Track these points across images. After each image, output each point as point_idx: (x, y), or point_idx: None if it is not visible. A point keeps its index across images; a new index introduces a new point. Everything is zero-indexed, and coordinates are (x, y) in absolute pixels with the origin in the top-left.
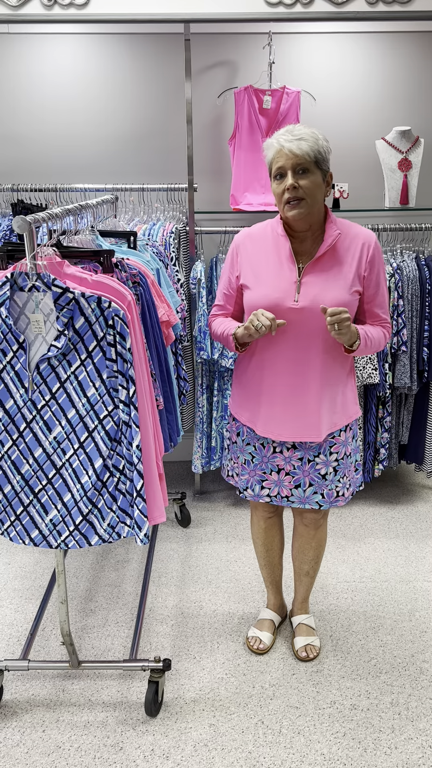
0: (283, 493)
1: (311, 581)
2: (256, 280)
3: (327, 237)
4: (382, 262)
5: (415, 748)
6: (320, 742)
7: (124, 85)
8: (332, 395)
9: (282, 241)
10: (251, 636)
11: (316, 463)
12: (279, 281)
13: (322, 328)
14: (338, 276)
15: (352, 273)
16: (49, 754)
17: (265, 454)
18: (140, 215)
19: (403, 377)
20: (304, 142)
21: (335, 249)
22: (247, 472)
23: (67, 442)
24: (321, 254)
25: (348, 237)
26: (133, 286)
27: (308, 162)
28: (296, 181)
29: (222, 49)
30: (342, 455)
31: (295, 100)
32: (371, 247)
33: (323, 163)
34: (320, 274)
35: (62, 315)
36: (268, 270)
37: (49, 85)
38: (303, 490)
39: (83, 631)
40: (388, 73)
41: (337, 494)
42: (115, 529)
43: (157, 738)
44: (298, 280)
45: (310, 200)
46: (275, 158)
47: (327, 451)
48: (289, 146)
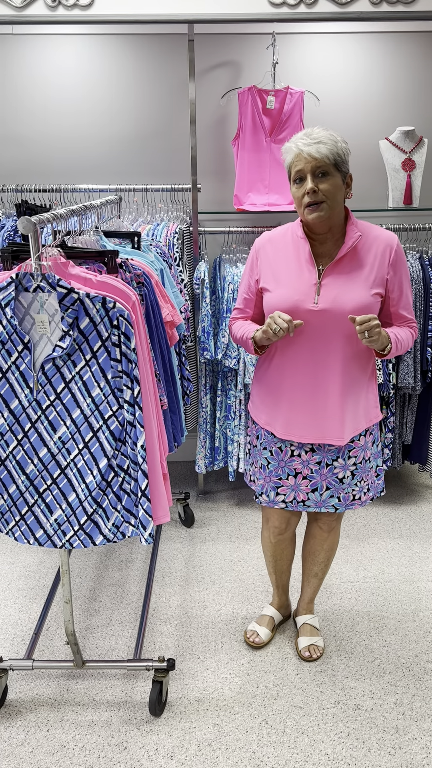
0: (299, 497)
1: (319, 583)
2: (276, 282)
3: (348, 239)
4: (406, 263)
5: (419, 749)
6: (324, 742)
7: (127, 85)
8: (354, 397)
9: (302, 243)
10: (250, 629)
11: (334, 467)
12: (299, 283)
13: (343, 330)
14: (359, 278)
15: (373, 275)
16: (54, 753)
17: (283, 458)
18: (144, 215)
19: (407, 377)
20: (322, 145)
21: (356, 251)
22: (262, 477)
23: (71, 442)
24: (341, 256)
25: (369, 239)
26: (137, 287)
27: (327, 165)
28: (316, 184)
29: (225, 49)
30: (360, 459)
31: (299, 100)
32: (393, 249)
33: (342, 165)
34: (340, 276)
35: (67, 315)
36: (288, 272)
37: (52, 86)
38: (320, 494)
39: (87, 631)
40: (392, 73)
41: (354, 498)
42: (120, 528)
43: (161, 737)
44: (318, 282)
45: (330, 203)
46: (294, 162)
47: (345, 455)
48: (308, 150)
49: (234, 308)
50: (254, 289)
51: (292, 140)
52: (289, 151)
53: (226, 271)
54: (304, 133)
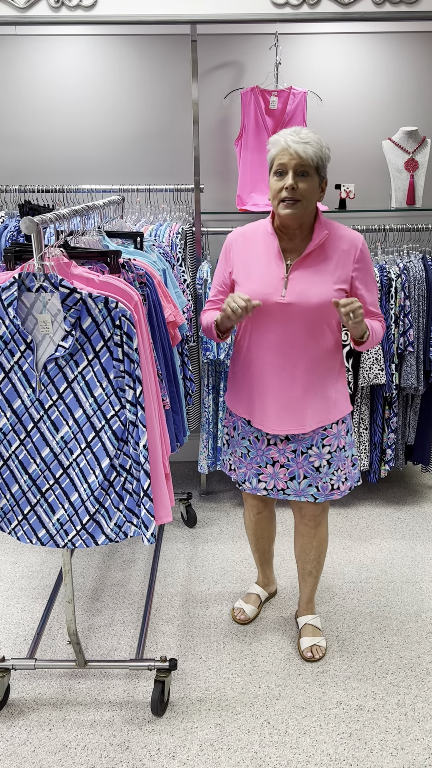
0: (279, 486)
1: (315, 581)
2: (246, 276)
3: (315, 236)
4: (371, 262)
5: (421, 749)
6: (326, 742)
7: (130, 86)
8: (321, 388)
9: (271, 239)
10: (236, 607)
11: (309, 455)
12: (267, 277)
13: (309, 322)
14: (324, 273)
15: (338, 271)
16: (56, 752)
17: (260, 447)
18: (147, 216)
19: (410, 377)
20: (309, 146)
21: (323, 248)
22: (244, 465)
23: (74, 442)
24: (308, 252)
25: (335, 237)
26: (139, 287)
27: (310, 166)
28: (296, 182)
29: (228, 49)
30: (335, 447)
31: (302, 100)
32: (359, 248)
33: (322, 169)
34: (307, 271)
35: (70, 315)
36: (258, 266)
37: (55, 87)
38: (298, 482)
39: (89, 631)
40: (395, 73)
41: (332, 487)
42: (122, 528)
43: (163, 737)
44: (285, 276)
45: (305, 202)
46: (279, 155)
47: (320, 443)
48: (296, 147)
49: (208, 301)
50: (228, 281)
51: (281, 134)
52: (276, 143)
53: None
54: (293, 131)
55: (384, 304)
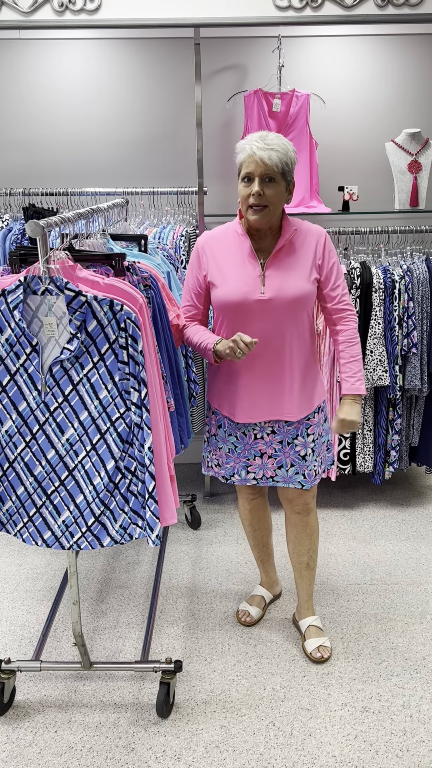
0: (267, 474)
1: (312, 575)
2: (223, 277)
3: (284, 233)
4: (334, 250)
5: (427, 751)
6: (331, 744)
7: (134, 89)
8: (303, 375)
9: (242, 240)
10: (241, 609)
11: (295, 444)
12: (244, 276)
13: (288, 315)
14: (297, 267)
15: (309, 263)
16: (62, 754)
17: (248, 442)
18: (150, 219)
19: (414, 379)
20: (274, 152)
21: (291, 244)
22: (232, 459)
23: (79, 444)
24: (278, 249)
25: (301, 233)
26: (144, 289)
27: (275, 172)
28: (262, 188)
29: (232, 53)
30: (317, 435)
31: (305, 103)
32: (323, 237)
33: (289, 173)
34: (280, 267)
35: (75, 318)
36: (233, 267)
37: (60, 90)
38: (285, 470)
39: (95, 633)
40: (398, 75)
41: (315, 473)
42: (127, 530)
43: (168, 739)
44: (262, 274)
45: (272, 207)
46: (245, 162)
47: (304, 432)
48: (260, 154)
49: (183, 305)
50: (203, 284)
51: (247, 140)
52: (243, 150)
53: None
54: (259, 136)
55: (387, 305)
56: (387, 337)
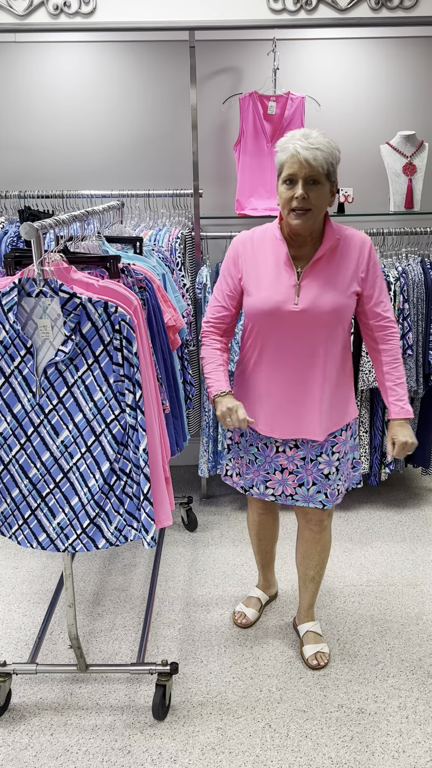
0: (287, 491)
1: (316, 587)
2: (256, 284)
3: (325, 241)
4: (378, 263)
5: (423, 752)
6: (328, 745)
7: (129, 92)
8: (332, 394)
9: (280, 245)
10: (237, 611)
11: (318, 462)
12: (278, 285)
13: (322, 329)
14: (336, 279)
15: (349, 274)
16: (57, 757)
17: (269, 454)
18: (146, 221)
19: (409, 381)
20: (320, 152)
21: (332, 252)
22: (251, 471)
23: (74, 446)
24: (318, 258)
25: (344, 241)
26: (139, 291)
27: (320, 174)
28: (306, 192)
29: (227, 55)
30: (342, 454)
31: (300, 105)
32: (367, 249)
33: (333, 174)
34: (318, 277)
35: (69, 320)
36: (267, 274)
37: (55, 93)
38: (306, 488)
39: (91, 635)
40: (393, 77)
41: (338, 492)
42: (123, 532)
43: (164, 741)
44: (297, 284)
45: (316, 211)
46: (287, 162)
47: (329, 450)
48: (305, 155)
49: (213, 305)
50: (238, 287)
51: (290, 138)
52: (285, 149)
53: None
54: (302, 134)
55: None
56: None
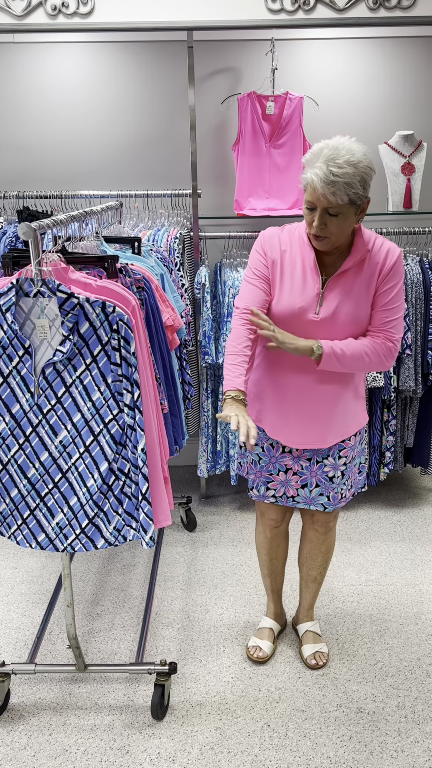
0: (288, 493)
1: (318, 588)
2: (279, 287)
3: (354, 252)
4: (401, 275)
5: (421, 751)
6: (326, 745)
7: (127, 92)
8: (344, 405)
9: (307, 250)
10: (251, 645)
11: (324, 464)
12: (303, 291)
13: (338, 339)
14: (358, 290)
15: (372, 287)
16: (56, 757)
17: (274, 455)
18: (145, 221)
19: (408, 380)
20: (341, 183)
21: (360, 264)
22: (253, 472)
23: (72, 446)
24: (344, 270)
25: (374, 253)
26: (137, 291)
27: (340, 206)
28: (324, 222)
29: (225, 55)
30: (350, 458)
31: (298, 105)
32: (393, 260)
33: (359, 198)
34: (342, 289)
35: (67, 320)
36: (293, 279)
37: (53, 93)
38: (309, 490)
39: (90, 635)
40: (391, 77)
41: (341, 496)
42: (121, 532)
43: (163, 741)
44: (321, 293)
45: (334, 238)
46: (308, 188)
47: (336, 454)
48: (323, 189)
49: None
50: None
51: (315, 157)
52: (309, 171)
53: (227, 275)
54: (328, 158)
55: None
56: None
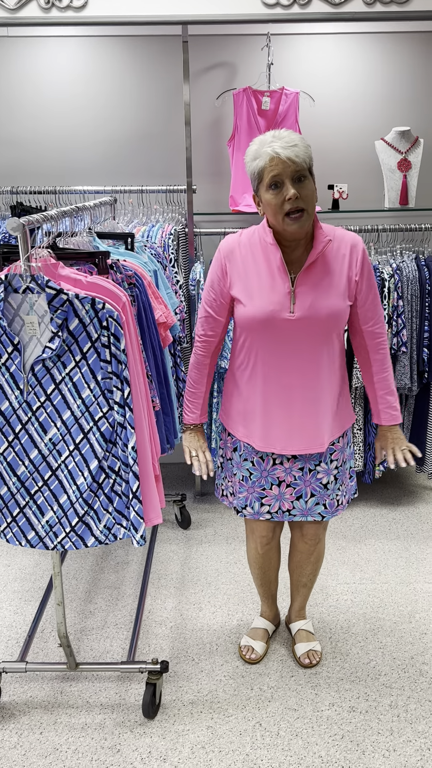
0: (284, 507)
1: (309, 591)
2: (248, 294)
3: (317, 244)
4: (371, 264)
5: (413, 751)
6: (318, 744)
7: (122, 87)
8: (332, 403)
9: (272, 250)
10: (244, 645)
11: (317, 472)
12: (272, 293)
13: (319, 335)
14: (330, 283)
15: (344, 278)
16: (47, 756)
17: (265, 468)
18: (139, 217)
19: (403, 378)
20: (299, 148)
21: (325, 255)
22: (245, 489)
23: (62, 444)
24: (312, 262)
25: (336, 242)
26: (128, 288)
27: (305, 168)
28: (298, 190)
29: (220, 50)
30: (341, 462)
31: (294, 100)
32: (360, 250)
33: (312, 166)
34: (313, 282)
35: (56, 316)
36: (260, 282)
37: (47, 88)
38: (305, 501)
39: (82, 633)
40: (387, 73)
41: (338, 503)
42: (112, 530)
43: (154, 740)
44: (291, 291)
45: (309, 210)
46: (268, 167)
47: (328, 459)
48: (287, 153)
49: (203, 317)
50: (227, 296)
51: (262, 143)
52: (261, 155)
53: None
54: (274, 135)
55: None
56: None
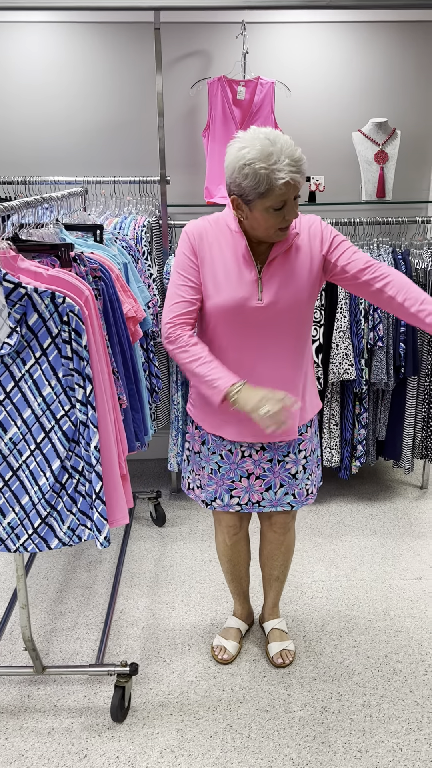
0: (253, 499)
1: (281, 585)
2: (215, 282)
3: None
4: (332, 229)
5: (385, 752)
6: (289, 746)
7: (94, 75)
8: (302, 388)
9: (238, 238)
10: (216, 645)
11: (286, 462)
12: (240, 282)
13: (289, 321)
14: (296, 268)
15: (308, 260)
16: (11, 762)
17: (234, 461)
18: (112, 209)
19: (380, 373)
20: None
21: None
22: (214, 482)
23: (23, 443)
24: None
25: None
26: (93, 281)
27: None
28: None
29: (194, 38)
30: (309, 452)
31: (270, 90)
32: (318, 226)
33: None
34: (280, 269)
35: (14, 311)
36: (227, 271)
37: (16, 75)
38: (274, 492)
39: (52, 635)
40: (365, 63)
41: (307, 492)
42: (76, 531)
43: (122, 744)
44: (258, 278)
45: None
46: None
47: (296, 449)
48: (297, 178)
49: (175, 302)
50: (200, 278)
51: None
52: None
53: None
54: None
55: (353, 298)
56: (353, 330)
